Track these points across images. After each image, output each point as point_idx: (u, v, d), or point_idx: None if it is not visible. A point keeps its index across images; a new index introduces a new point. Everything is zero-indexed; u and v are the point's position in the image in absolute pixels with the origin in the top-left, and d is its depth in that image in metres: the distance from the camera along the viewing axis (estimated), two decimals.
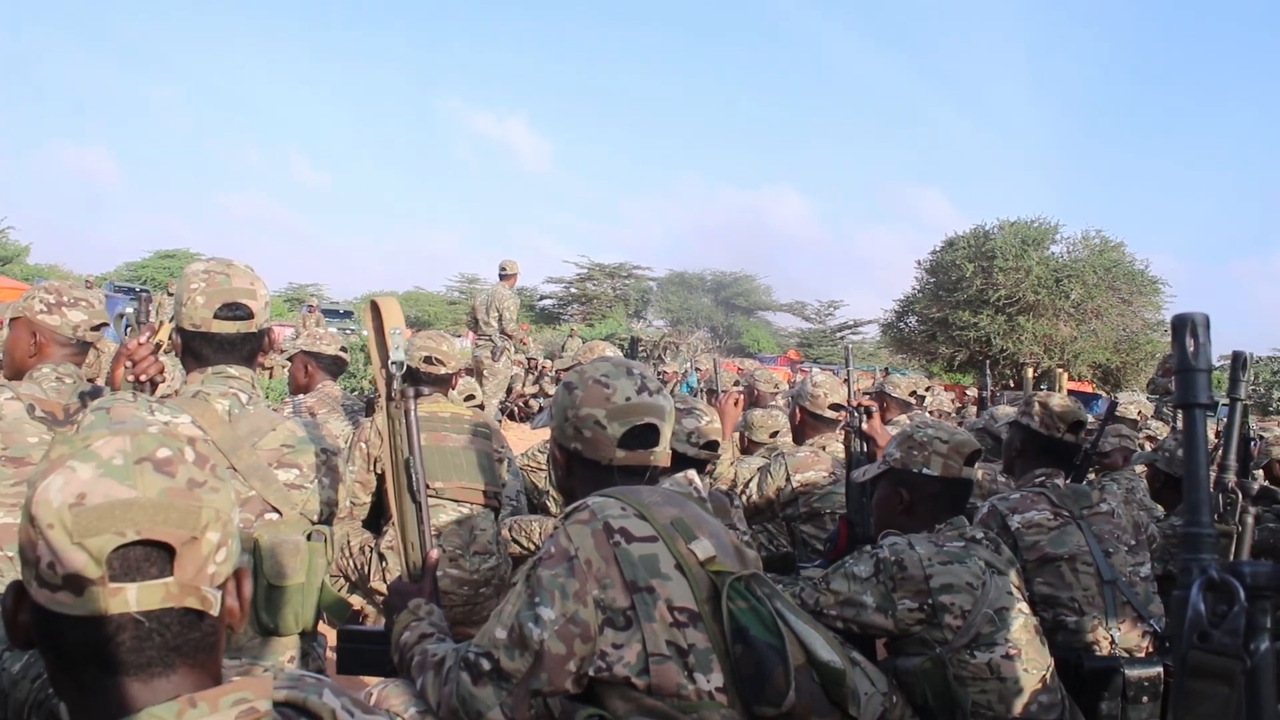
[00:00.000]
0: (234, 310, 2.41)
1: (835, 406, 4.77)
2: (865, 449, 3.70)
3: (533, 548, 4.30)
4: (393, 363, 2.30)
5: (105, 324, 3.27)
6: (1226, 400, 2.56)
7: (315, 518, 2.47)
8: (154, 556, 1.09)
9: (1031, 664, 2.66)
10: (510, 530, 4.68)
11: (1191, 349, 0.97)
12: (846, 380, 4.23)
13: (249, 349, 2.46)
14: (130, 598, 1.07)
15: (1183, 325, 0.98)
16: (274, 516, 2.37)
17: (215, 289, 2.39)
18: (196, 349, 2.42)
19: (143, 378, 2.53)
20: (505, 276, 10.90)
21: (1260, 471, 6.61)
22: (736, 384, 6.99)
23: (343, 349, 5.55)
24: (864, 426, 3.73)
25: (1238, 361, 2.32)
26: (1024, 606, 2.75)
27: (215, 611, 1.14)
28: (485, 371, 10.39)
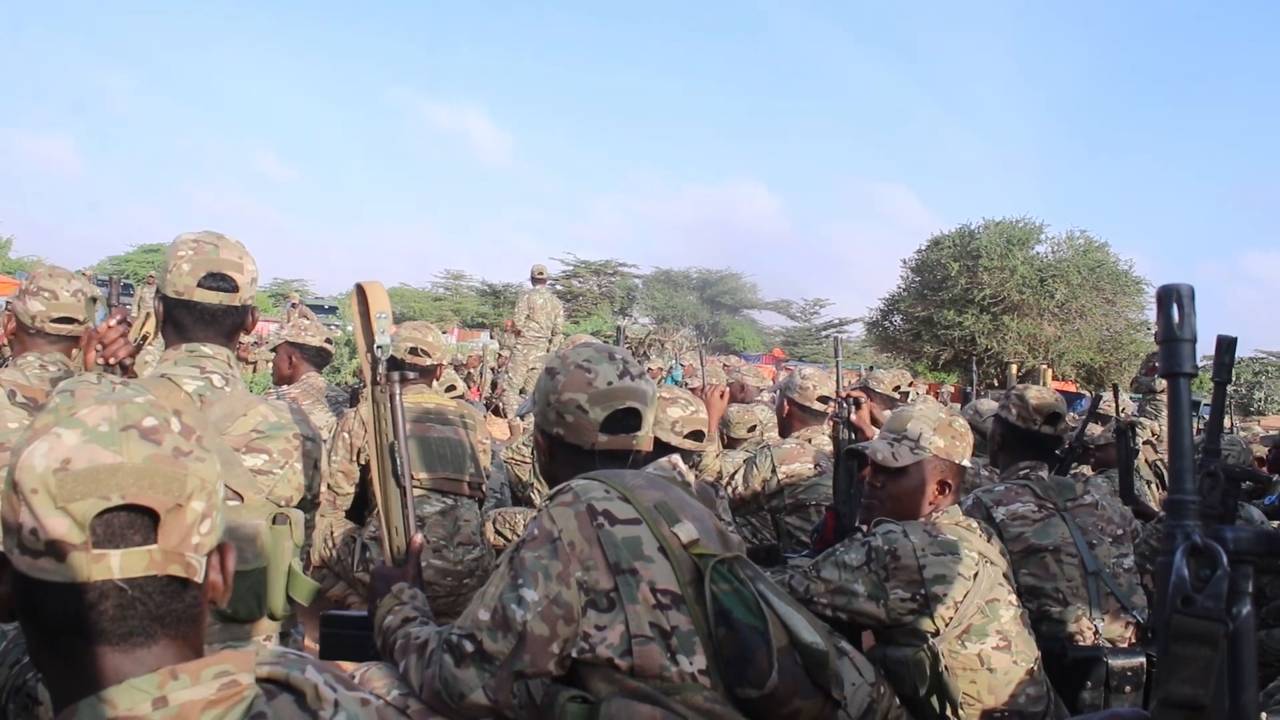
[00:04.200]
0: (218, 281, 2.37)
1: (823, 399, 4.79)
2: (853, 440, 3.69)
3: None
4: (378, 346, 2.30)
5: (72, 319, 3.22)
6: (1207, 397, 2.58)
7: (285, 503, 2.44)
8: (138, 523, 1.08)
9: (1020, 656, 2.66)
10: (494, 522, 4.67)
11: (1177, 319, 0.98)
12: (835, 372, 4.23)
13: (230, 323, 2.42)
14: (114, 564, 1.06)
15: (1168, 296, 0.98)
16: (234, 503, 2.34)
17: (202, 258, 2.36)
18: (178, 318, 2.38)
19: (112, 360, 2.51)
20: (542, 279, 11.12)
21: None
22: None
23: (328, 340, 5.53)
24: (852, 418, 3.73)
25: (1222, 346, 2.33)
26: (1014, 598, 2.75)
27: (199, 578, 1.13)
28: None
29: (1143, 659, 2.99)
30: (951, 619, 2.63)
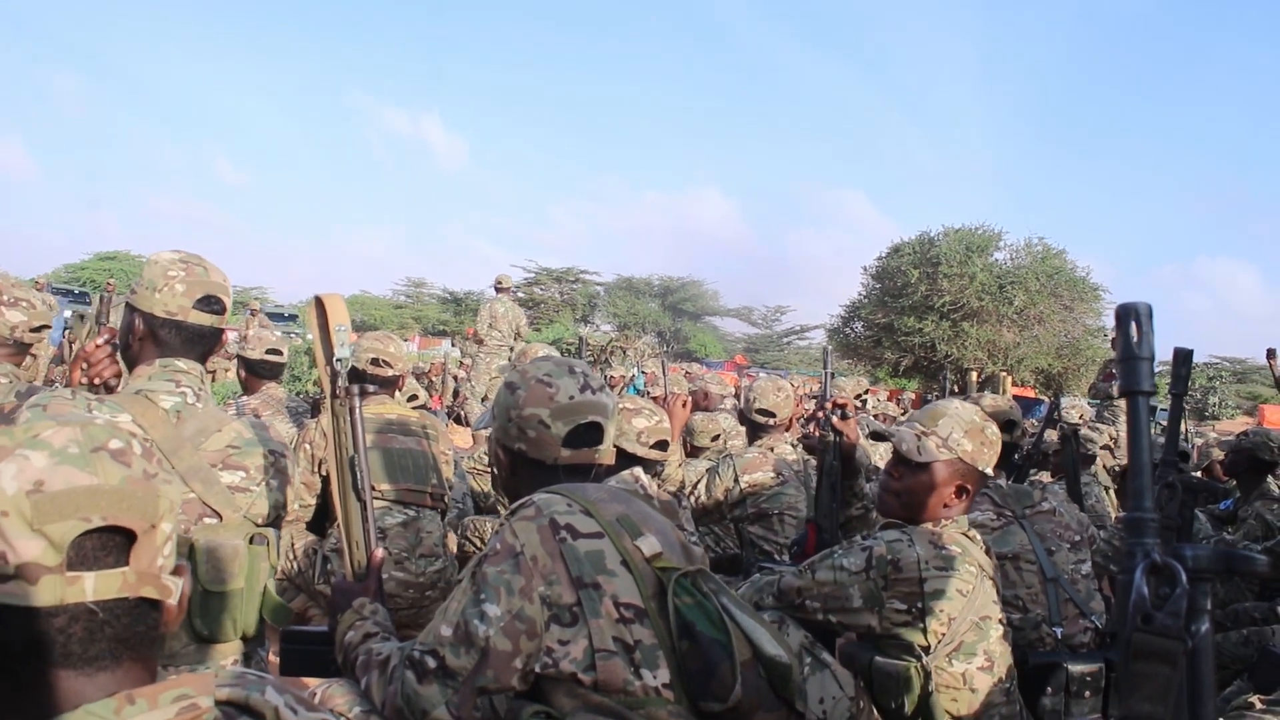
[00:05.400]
0: (212, 304, 2.42)
1: (764, 412, 4.79)
2: (837, 450, 3.62)
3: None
4: (337, 359, 2.28)
5: (46, 326, 3.20)
6: (1164, 400, 2.60)
7: (261, 521, 2.43)
8: (109, 545, 1.07)
9: (998, 675, 2.63)
10: (465, 531, 4.67)
11: (1135, 338, 0.98)
12: (823, 381, 4.19)
13: (210, 345, 2.46)
14: (88, 587, 1.05)
15: (1127, 314, 0.99)
16: (213, 520, 2.32)
17: (196, 279, 2.39)
18: (165, 338, 2.38)
19: (96, 380, 2.49)
20: (504, 289, 11.20)
21: (1200, 473, 6.77)
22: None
23: (269, 351, 5.48)
24: (835, 422, 3.71)
25: (1179, 358, 2.37)
26: (1001, 615, 2.71)
27: (174, 600, 1.12)
28: None
29: (1102, 664, 3.01)
30: (944, 635, 2.58)
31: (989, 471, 2.81)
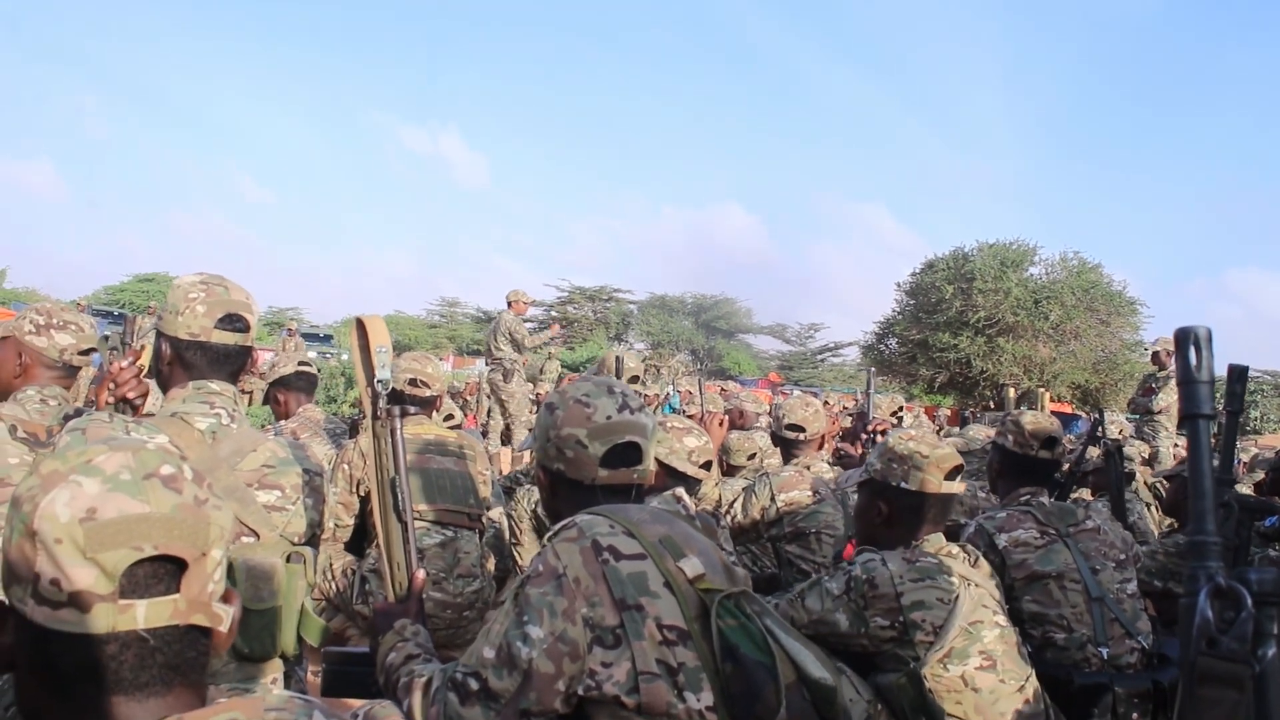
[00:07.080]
0: (234, 322, 2.41)
1: (793, 427, 4.78)
2: None
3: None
4: (378, 381, 2.28)
5: (93, 349, 3.25)
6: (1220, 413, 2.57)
7: (298, 539, 2.45)
8: (160, 573, 1.08)
9: (1008, 674, 2.66)
10: (526, 499, 4.72)
11: (1194, 362, 0.97)
12: (865, 402, 4.18)
13: (238, 365, 2.46)
14: (139, 615, 1.06)
15: (1185, 338, 0.98)
16: (250, 540, 2.34)
17: (216, 299, 2.39)
18: (191, 359, 2.39)
19: (124, 398, 2.52)
20: (511, 304, 11.44)
21: (1255, 486, 6.66)
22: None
23: (302, 363, 5.50)
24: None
25: (1234, 375, 2.33)
26: (1002, 619, 2.74)
27: (225, 627, 1.12)
28: (503, 395, 10.81)
29: (1149, 685, 2.98)
30: (931, 644, 2.63)
31: (909, 486, 2.88)
